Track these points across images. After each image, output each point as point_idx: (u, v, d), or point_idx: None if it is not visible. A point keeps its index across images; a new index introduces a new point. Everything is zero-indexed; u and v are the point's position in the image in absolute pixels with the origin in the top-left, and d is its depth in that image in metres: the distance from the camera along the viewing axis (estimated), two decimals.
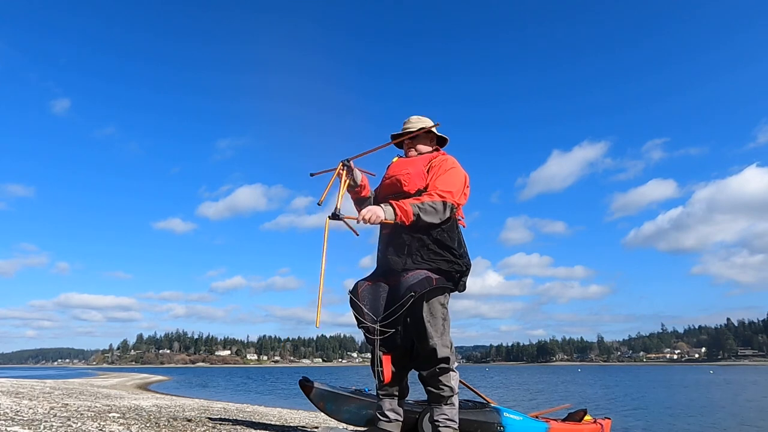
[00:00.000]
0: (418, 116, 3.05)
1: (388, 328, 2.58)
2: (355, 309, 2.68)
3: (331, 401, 3.73)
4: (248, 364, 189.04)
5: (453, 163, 2.84)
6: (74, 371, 77.92)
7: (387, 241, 2.77)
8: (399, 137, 2.99)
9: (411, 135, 2.95)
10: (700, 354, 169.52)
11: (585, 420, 4.55)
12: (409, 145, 2.99)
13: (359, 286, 2.76)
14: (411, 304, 2.55)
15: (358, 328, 2.66)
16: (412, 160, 2.92)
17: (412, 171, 2.81)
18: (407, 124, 3.01)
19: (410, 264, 2.64)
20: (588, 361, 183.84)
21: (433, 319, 2.61)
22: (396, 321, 2.57)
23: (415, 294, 2.53)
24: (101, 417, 3.24)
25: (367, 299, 2.67)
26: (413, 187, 2.76)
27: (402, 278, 2.61)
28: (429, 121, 3.02)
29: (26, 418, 2.91)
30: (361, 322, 2.63)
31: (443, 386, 2.61)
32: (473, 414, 3.87)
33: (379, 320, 2.60)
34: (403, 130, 3.01)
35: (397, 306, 2.55)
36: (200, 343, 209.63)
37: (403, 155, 3.04)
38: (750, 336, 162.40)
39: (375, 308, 2.64)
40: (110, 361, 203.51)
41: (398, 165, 2.94)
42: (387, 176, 2.94)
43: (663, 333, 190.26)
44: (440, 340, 2.60)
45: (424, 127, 2.96)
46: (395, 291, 2.62)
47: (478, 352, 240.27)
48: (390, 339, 2.61)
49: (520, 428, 3.96)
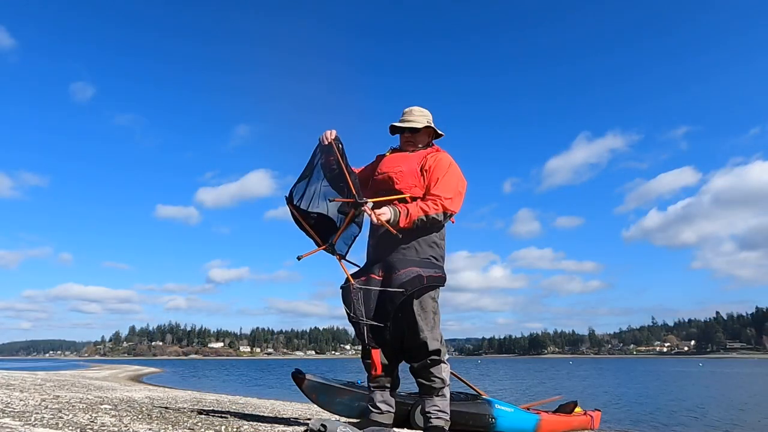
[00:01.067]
0: (420, 108, 2.94)
1: (378, 323, 2.58)
2: (346, 304, 2.68)
3: (323, 393, 3.75)
4: (241, 356, 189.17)
5: (449, 162, 2.79)
6: (66, 363, 77.62)
7: (379, 236, 2.75)
8: (399, 130, 2.91)
9: (413, 130, 2.87)
10: (689, 347, 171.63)
11: (575, 412, 4.61)
12: (408, 139, 2.90)
13: (351, 281, 2.75)
14: (402, 301, 2.56)
15: (349, 322, 2.67)
16: (405, 156, 2.85)
17: (405, 169, 2.77)
18: (409, 116, 2.90)
19: (402, 260, 2.64)
20: (579, 354, 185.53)
21: (424, 313, 2.62)
22: (386, 317, 2.57)
23: (406, 292, 2.54)
24: (93, 409, 3.23)
25: (358, 294, 2.67)
26: (405, 185, 2.73)
27: (394, 274, 2.60)
28: (430, 115, 2.94)
29: (17, 410, 2.89)
30: (351, 316, 2.63)
31: (434, 378, 2.63)
32: (465, 406, 3.91)
33: (370, 318, 2.59)
34: (402, 121, 2.91)
35: (388, 304, 2.55)
36: (193, 335, 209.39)
37: (396, 147, 2.97)
38: (738, 329, 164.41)
39: (367, 304, 2.64)
40: (102, 353, 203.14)
41: (391, 161, 2.87)
42: (379, 171, 2.86)
43: (653, 326, 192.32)
44: (431, 334, 2.61)
45: (431, 126, 2.90)
46: (386, 287, 2.61)
47: (471, 345, 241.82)
48: (379, 334, 2.61)
49: (512, 420, 4.00)
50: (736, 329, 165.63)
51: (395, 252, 2.68)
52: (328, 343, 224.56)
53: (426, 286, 2.60)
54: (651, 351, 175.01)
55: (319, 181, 2.80)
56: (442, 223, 2.69)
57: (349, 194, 2.55)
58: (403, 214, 2.57)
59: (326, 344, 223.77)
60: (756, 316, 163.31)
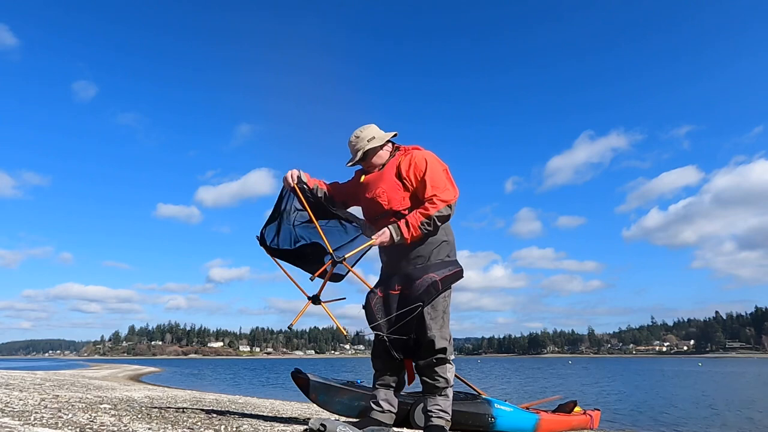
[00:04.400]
0: (355, 133, 2.84)
1: (401, 336, 2.62)
2: (370, 320, 2.72)
3: (323, 393, 3.74)
4: (241, 356, 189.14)
5: (422, 157, 2.75)
6: (65, 362, 77.60)
7: (390, 248, 2.74)
8: (355, 163, 2.86)
9: (366, 156, 2.83)
10: (688, 346, 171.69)
11: (575, 411, 4.62)
12: (368, 164, 2.86)
13: (371, 299, 2.76)
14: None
15: (373, 334, 2.71)
16: (379, 175, 2.82)
17: (385, 187, 2.74)
18: (351, 149, 2.85)
19: (415, 270, 2.66)
20: (578, 353, 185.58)
21: (434, 311, 2.63)
22: (408, 329, 2.61)
23: (423, 304, 2.58)
24: (92, 408, 3.23)
25: (380, 312, 2.70)
26: (395, 202, 2.71)
27: (412, 286, 2.62)
28: (370, 130, 2.85)
29: (17, 409, 2.89)
30: (376, 333, 2.68)
31: (438, 377, 2.64)
32: (465, 405, 3.91)
33: (392, 331, 2.63)
34: (352, 160, 2.85)
35: (408, 318, 2.58)
36: (192, 335, 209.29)
37: (363, 170, 2.94)
38: (738, 329, 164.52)
39: (388, 316, 2.67)
40: (102, 353, 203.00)
41: (370, 184, 2.83)
42: (363, 197, 2.84)
43: (653, 326, 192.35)
44: (439, 332, 2.62)
45: (378, 142, 2.81)
46: (405, 300, 2.64)
47: (470, 344, 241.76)
48: (404, 344, 2.65)
49: (511, 419, 4.00)
50: (735, 329, 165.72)
51: (407, 263, 2.70)
52: (327, 343, 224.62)
53: (441, 290, 2.63)
54: (650, 350, 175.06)
55: (291, 223, 2.91)
56: (448, 216, 2.68)
57: (323, 252, 2.66)
58: (404, 227, 2.59)
59: (326, 344, 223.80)
60: (755, 315, 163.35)
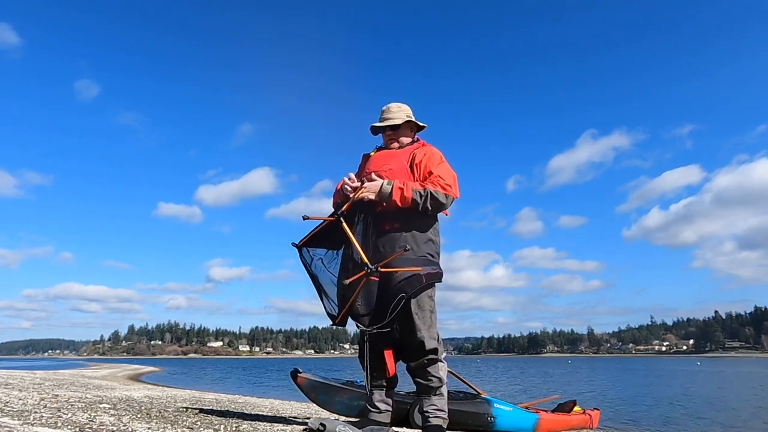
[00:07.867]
0: (397, 104, 2.93)
1: (383, 328, 2.57)
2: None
3: (322, 392, 3.75)
4: (240, 356, 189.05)
5: (440, 155, 2.78)
6: (65, 362, 77.56)
7: (374, 236, 2.72)
8: (380, 129, 2.89)
9: (394, 127, 2.86)
10: (688, 346, 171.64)
11: (574, 411, 4.62)
12: (391, 136, 2.89)
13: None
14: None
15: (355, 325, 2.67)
16: (392, 153, 2.84)
17: (393, 166, 2.75)
18: (387, 114, 2.89)
19: (398, 260, 2.59)
20: (578, 353, 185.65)
21: (422, 312, 2.61)
22: (390, 321, 2.56)
23: (405, 295, 2.53)
24: (92, 408, 3.23)
25: (361, 296, 2.63)
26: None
27: (392, 276, 2.58)
28: (408, 109, 2.93)
29: (16, 409, 2.89)
30: (357, 323, 2.63)
31: (431, 377, 2.63)
32: (464, 405, 3.91)
33: (373, 322, 2.58)
34: (382, 120, 2.90)
35: (389, 309, 2.53)
36: (192, 335, 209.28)
37: (381, 146, 2.95)
38: (737, 328, 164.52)
39: (369, 305, 2.63)
40: (101, 352, 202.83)
41: (378, 159, 2.84)
42: (367, 171, 2.82)
43: (652, 325, 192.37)
44: (428, 333, 2.60)
45: (410, 119, 2.88)
46: (385, 289, 2.60)
47: (470, 344, 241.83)
48: (387, 334, 2.61)
49: (511, 419, 4.01)
50: (734, 328, 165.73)
51: (391, 251, 2.63)
52: (327, 343, 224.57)
53: (425, 285, 2.58)
54: (650, 350, 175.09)
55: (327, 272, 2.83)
56: (444, 205, 2.64)
57: (360, 262, 2.58)
58: (398, 184, 2.57)
59: (325, 343, 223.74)
60: (755, 315, 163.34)
